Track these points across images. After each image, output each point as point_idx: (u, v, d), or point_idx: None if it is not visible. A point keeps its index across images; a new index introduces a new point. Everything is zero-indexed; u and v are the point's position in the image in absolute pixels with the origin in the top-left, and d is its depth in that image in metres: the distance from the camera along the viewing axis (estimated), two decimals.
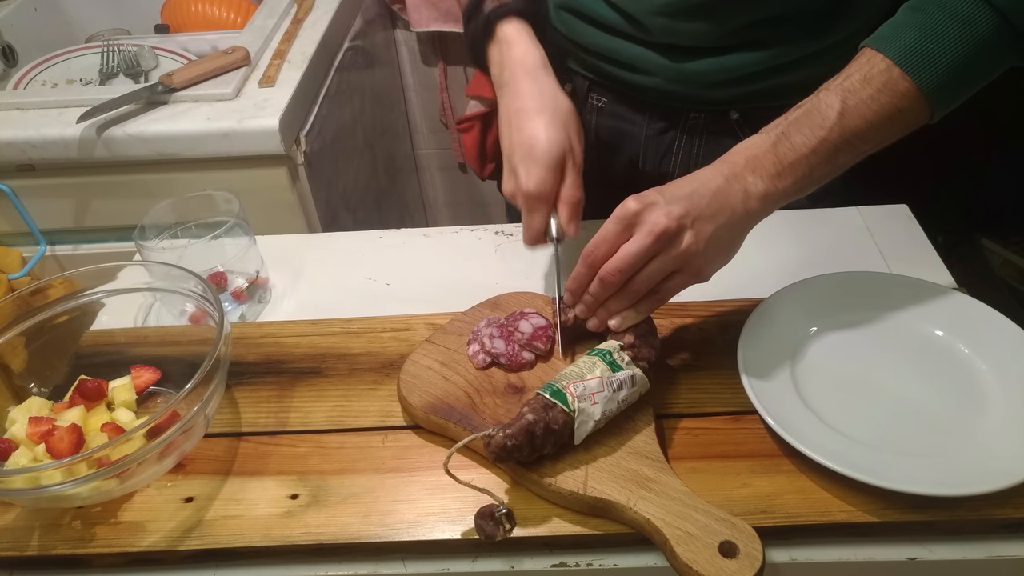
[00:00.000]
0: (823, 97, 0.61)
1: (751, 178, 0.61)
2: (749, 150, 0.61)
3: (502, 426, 0.57)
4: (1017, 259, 1.73)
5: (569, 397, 0.59)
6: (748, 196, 0.61)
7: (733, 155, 0.62)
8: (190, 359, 0.65)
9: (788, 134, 0.61)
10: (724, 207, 0.60)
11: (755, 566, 0.51)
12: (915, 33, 0.59)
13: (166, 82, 1.10)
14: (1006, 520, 0.56)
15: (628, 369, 0.61)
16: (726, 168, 0.61)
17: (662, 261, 0.60)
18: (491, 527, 0.56)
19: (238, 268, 0.80)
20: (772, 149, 0.61)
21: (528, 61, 0.71)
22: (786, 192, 0.61)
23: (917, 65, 0.59)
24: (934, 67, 0.58)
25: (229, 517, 0.59)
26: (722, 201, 0.60)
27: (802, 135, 0.60)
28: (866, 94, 0.59)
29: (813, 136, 0.60)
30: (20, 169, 1.11)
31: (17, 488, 0.55)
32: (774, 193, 0.61)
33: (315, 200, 1.16)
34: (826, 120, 0.60)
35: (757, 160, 0.61)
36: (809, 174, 0.61)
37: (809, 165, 0.60)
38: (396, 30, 1.72)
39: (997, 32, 0.58)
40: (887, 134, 0.61)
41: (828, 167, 0.61)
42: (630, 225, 0.60)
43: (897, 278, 0.74)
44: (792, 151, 0.60)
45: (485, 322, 0.70)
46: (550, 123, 0.68)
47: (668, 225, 0.58)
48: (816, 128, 0.60)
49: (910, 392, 0.65)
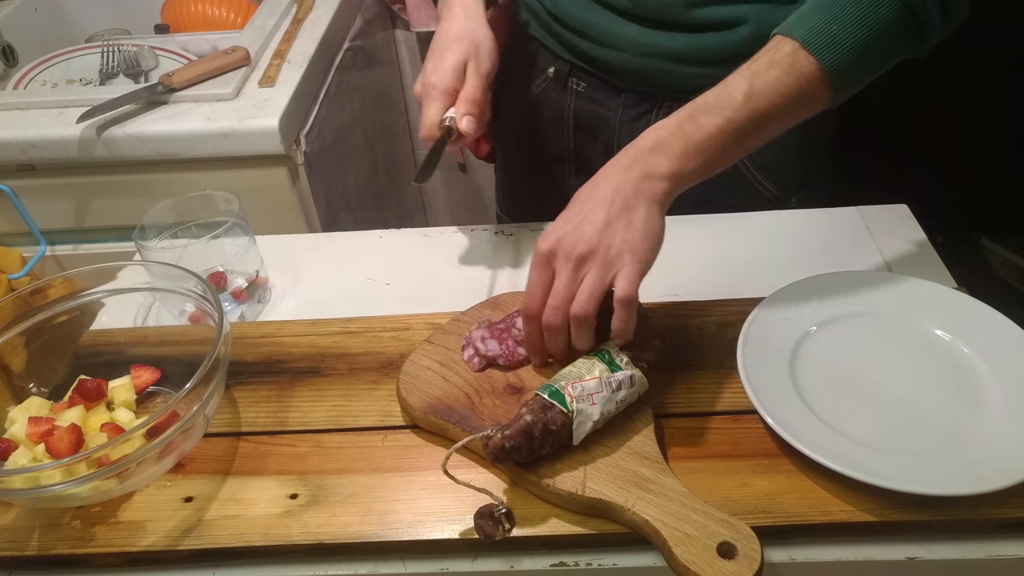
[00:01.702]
0: (731, 80, 0.63)
1: (655, 159, 0.62)
2: (656, 132, 0.64)
3: (500, 427, 0.57)
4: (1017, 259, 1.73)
5: (567, 398, 0.59)
6: (651, 176, 0.62)
7: (640, 139, 0.64)
8: (190, 359, 0.65)
9: (695, 115, 0.63)
10: (630, 197, 0.62)
11: (753, 567, 0.51)
12: (820, 16, 0.63)
13: (166, 82, 1.10)
14: (1005, 520, 0.56)
15: (627, 369, 0.61)
16: (629, 156, 0.64)
17: (594, 272, 0.61)
18: (490, 527, 0.56)
19: (238, 268, 0.80)
20: (678, 130, 0.63)
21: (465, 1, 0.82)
22: (694, 172, 0.63)
23: (821, 45, 0.62)
24: (837, 48, 0.62)
25: (228, 517, 0.59)
26: (627, 193, 0.62)
27: (709, 116, 0.62)
28: (772, 76, 0.62)
29: (720, 117, 0.62)
30: (20, 169, 1.11)
31: (17, 488, 0.55)
32: (681, 172, 0.63)
33: (315, 200, 1.16)
34: (732, 101, 0.62)
35: (663, 141, 0.63)
36: (716, 156, 0.63)
37: (716, 146, 0.62)
38: (396, 30, 1.72)
39: (897, 18, 0.62)
40: (791, 117, 0.64)
41: (737, 148, 0.64)
42: (549, 265, 0.62)
43: (897, 278, 0.74)
44: (698, 131, 0.62)
45: (476, 326, 0.70)
46: (461, 39, 0.79)
47: (580, 250, 0.61)
48: (723, 109, 0.62)
49: (910, 392, 0.65)
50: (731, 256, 0.84)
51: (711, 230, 0.88)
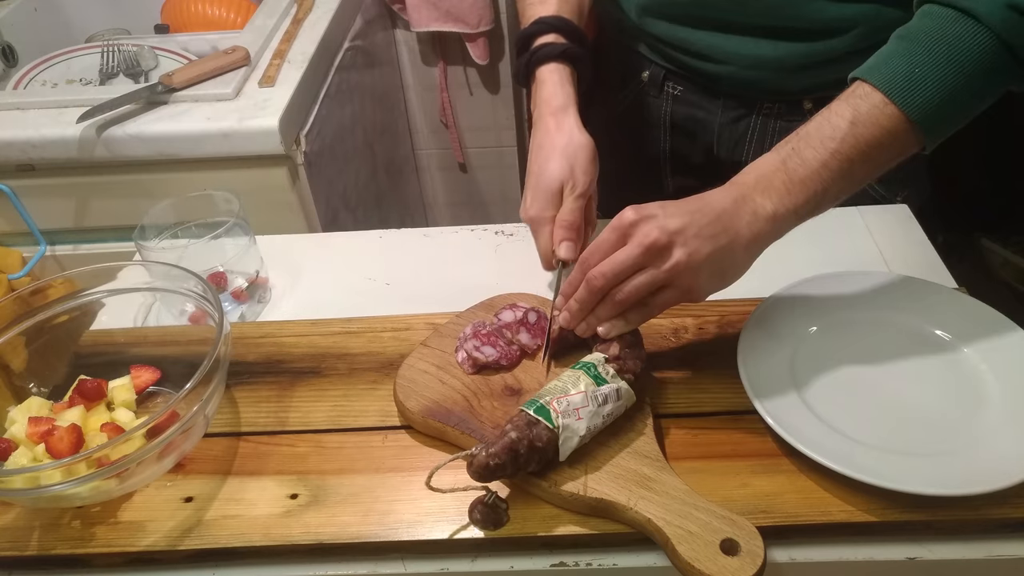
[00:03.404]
0: (833, 108, 0.60)
1: (760, 199, 0.59)
2: (759, 169, 0.60)
3: (484, 444, 0.56)
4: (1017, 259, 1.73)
5: (553, 413, 0.58)
6: (756, 218, 0.59)
7: (744, 175, 0.61)
8: (190, 359, 0.65)
9: (799, 149, 0.59)
10: (727, 229, 0.59)
11: (756, 563, 0.51)
12: (902, 61, 0.59)
13: (166, 82, 1.10)
14: (1005, 520, 0.56)
15: (613, 382, 0.60)
16: (735, 190, 0.60)
17: (651, 274, 0.59)
18: (488, 513, 0.56)
19: (238, 268, 0.80)
20: (782, 167, 0.59)
21: (553, 102, 0.77)
22: (798, 211, 0.59)
23: (903, 91, 0.57)
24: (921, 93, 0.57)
25: (229, 517, 0.59)
26: (726, 223, 0.59)
27: (812, 149, 0.59)
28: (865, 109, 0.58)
29: (824, 148, 0.58)
30: (20, 169, 1.11)
31: (17, 488, 0.55)
32: (784, 213, 0.59)
33: (315, 200, 1.16)
34: (837, 131, 0.58)
35: (766, 179, 0.60)
36: (823, 190, 0.59)
37: (822, 180, 0.59)
38: (396, 30, 1.72)
39: (991, 57, 0.57)
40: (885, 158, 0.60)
41: (843, 182, 0.59)
42: (625, 235, 0.60)
43: (897, 278, 0.74)
44: (803, 166, 0.59)
45: (471, 328, 0.70)
46: (555, 157, 0.74)
47: (658, 238, 0.58)
48: (827, 140, 0.58)
49: (910, 392, 0.65)
50: None
51: None
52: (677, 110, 0.96)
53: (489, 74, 1.76)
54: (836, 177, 0.59)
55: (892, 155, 0.60)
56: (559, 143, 0.75)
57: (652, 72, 0.96)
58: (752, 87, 0.88)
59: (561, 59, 0.78)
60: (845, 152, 0.58)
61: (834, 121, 0.59)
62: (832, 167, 0.58)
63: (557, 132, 0.75)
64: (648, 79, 0.96)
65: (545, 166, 0.74)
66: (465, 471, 0.57)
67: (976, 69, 0.58)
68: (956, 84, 0.58)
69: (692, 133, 0.96)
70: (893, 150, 0.60)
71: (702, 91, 0.93)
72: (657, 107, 0.98)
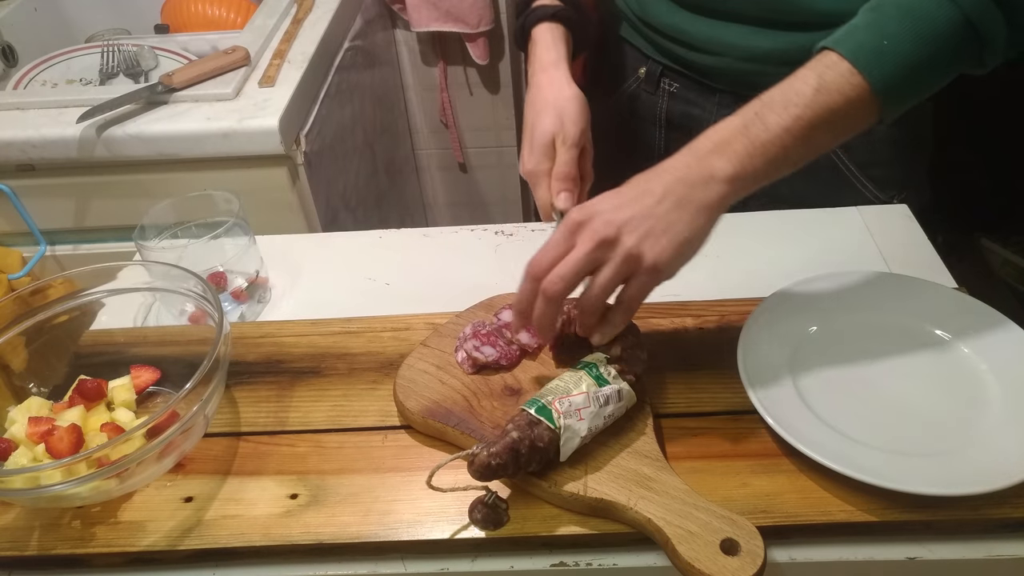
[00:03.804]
0: (799, 74, 0.60)
1: (718, 162, 0.58)
2: (719, 132, 0.60)
3: (486, 444, 0.56)
4: (1017, 259, 1.73)
5: (555, 414, 0.58)
6: (713, 180, 0.58)
7: (701, 140, 0.60)
8: (190, 359, 0.65)
9: (762, 114, 0.59)
10: (680, 200, 0.58)
11: (757, 563, 0.51)
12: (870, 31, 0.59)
13: (166, 82, 1.10)
14: (1005, 520, 0.56)
15: (615, 383, 0.60)
16: (690, 155, 0.60)
17: (610, 268, 0.58)
18: (489, 513, 0.56)
19: (238, 268, 0.80)
20: (744, 130, 0.58)
21: (545, 59, 0.80)
22: (757, 175, 0.59)
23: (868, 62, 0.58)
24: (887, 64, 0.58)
25: (228, 517, 0.59)
26: (679, 194, 0.58)
27: (776, 114, 0.58)
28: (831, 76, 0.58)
29: (787, 114, 0.58)
30: (20, 169, 1.11)
31: (17, 488, 0.55)
32: (744, 176, 0.59)
33: (315, 200, 1.16)
34: (801, 97, 0.58)
35: (726, 143, 0.59)
36: (784, 156, 0.59)
37: (784, 145, 0.58)
38: (396, 30, 1.72)
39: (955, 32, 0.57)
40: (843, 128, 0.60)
41: (804, 148, 0.59)
42: (573, 235, 0.59)
43: (897, 278, 0.74)
44: (765, 131, 0.58)
45: (470, 328, 0.70)
46: (546, 111, 0.76)
47: (607, 233, 0.57)
48: (791, 105, 0.58)
49: (910, 392, 0.65)
50: (731, 256, 0.84)
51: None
52: (673, 107, 0.97)
53: (489, 74, 1.76)
54: (797, 143, 0.59)
55: (852, 125, 0.61)
56: (549, 97, 0.77)
57: (649, 68, 0.97)
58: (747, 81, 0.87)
59: (554, 19, 0.82)
60: (808, 118, 0.58)
61: (799, 87, 0.59)
62: (795, 132, 0.58)
63: (548, 87, 0.78)
64: (645, 75, 0.97)
65: (537, 121, 0.76)
66: (465, 471, 0.57)
67: (941, 45, 0.58)
68: (920, 59, 0.58)
69: (687, 129, 0.96)
70: (854, 120, 0.60)
71: (698, 88, 0.93)
72: (653, 103, 0.98)
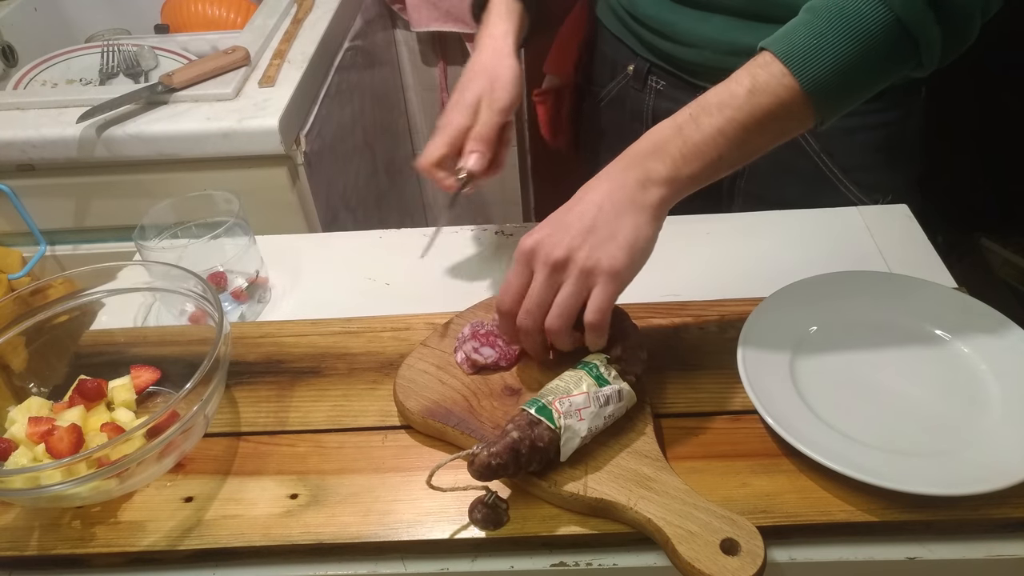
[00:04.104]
0: (734, 76, 0.60)
1: (653, 164, 0.59)
2: (654, 136, 0.61)
3: (486, 444, 0.56)
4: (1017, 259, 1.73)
5: (555, 414, 0.58)
6: (648, 182, 0.59)
7: (639, 144, 0.61)
8: (190, 359, 0.65)
9: (696, 116, 0.59)
10: (618, 208, 0.59)
11: (757, 563, 0.51)
12: (803, 31, 0.58)
13: (166, 82, 1.10)
14: (1005, 520, 0.56)
15: (615, 384, 0.60)
16: (625, 160, 0.61)
17: (569, 286, 0.60)
18: (488, 513, 0.56)
19: (238, 268, 0.80)
20: (678, 133, 0.59)
21: (494, 31, 0.81)
22: (693, 177, 0.60)
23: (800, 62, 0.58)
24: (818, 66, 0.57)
25: (228, 517, 0.59)
26: (616, 202, 0.59)
27: (709, 116, 0.59)
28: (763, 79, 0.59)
29: (720, 115, 0.58)
30: (20, 169, 1.11)
31: (17, 488, 0.55)
32: (680, 179, 0.59)
33: (315, 200, 1.16)
34: (734, 98, 0.59)
35: (661, 145, 0.60)
36: (718, 157, 0.59)
37: (717, 147, 0.59)
38: (396, 30, 1.72)
39: (888, 35, 0.57)
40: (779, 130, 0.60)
41: (738, 151, 0.60)
42: (528, 265, 0.61)
43: (897, 278, 0.74)
44: (698, 132, 0.59)
45: (469, 329, 0.70)
46: (480, 75, 0.78)
47: (557, 256, 0.59)
48: (724, 107, 0.59)
49: (910, 392, 0.65)
50: (731, 256, 0.84)
51: (711, 230, 0.88)
52: (660, 104, 0.98)
53: None
54: (732, 145, 0.59)
55: (787, 127, 0.61)
56: (488, 62, 0.78)
57: (637, 65, 0.98)
58: None
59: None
60: (741, 120, 0.58)
61: (733, 88, 0.59)
62: (728, 134, 0.59)
63: (489, 53, 0.79)
64: (633, 72, 0.98)
65: (467, 83, 0.78)
66: (465, 471, 0.57)
67: (873, 46, 0.58)
68: (852, 60, 0.58)
69: None
70: (788, 122, 0.60)
71: (684, 86, 0.94)
72: (640, 100, 0.99)
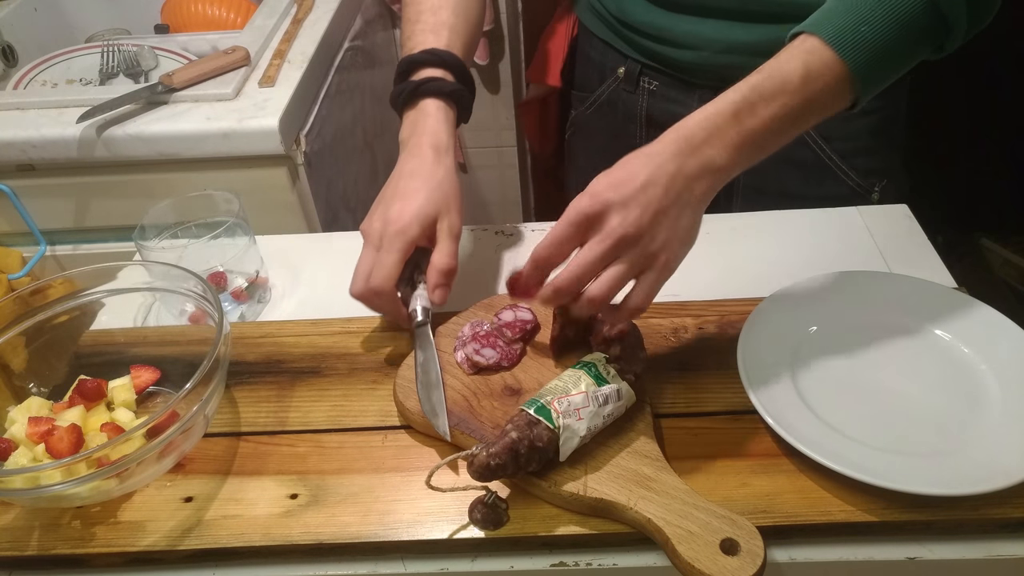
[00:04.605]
0: (784, 61, 0.59)
1: (711, 151, 0.58)
2: (712, 121, 0.58)
3: (485, 444, 0.56)
4: (1017, 259, 1.73)
5: (554, 413, 0.58)
6: (705, 172, 0.58)
7: (691, 128, 0.58)
8: (190, 359, 0.65)
9: (752, 102, 0.58)
10: (682, 192, 0.57)
11: (756, 563, 0.51)
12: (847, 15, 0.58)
13: (166, 82, 1.10)
14: (1005, 520, 0.56)
15: (614, 383, 0.60)
16: (683, 143, 0.58)
17: (628, 262, 0.57)
18: (488, 513, 0.56)
19: (238, 268, 0.80)
20: (735, 120, 0.58)
21: (437, 139, 0.73)
22: (741, 164, 0.59)
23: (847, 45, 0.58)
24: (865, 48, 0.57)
25: (228, 517, 0.59)
26: (680, 187, 0.57)
27: (765, 102, 0.58)
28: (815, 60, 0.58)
29: (776, 103, 0.58)
30: (20, 169, 1.11)
31: (17, 488, 0.55)
32: (731, 169, 0.59)
33: (315, 200, 1.16)
34: (789, 85, 0.58)
35: (716, 131, 0.58)
36: (769, 144, 0.59)
37: (772, 133, 0.58)
38: (396, 30, 1.72)
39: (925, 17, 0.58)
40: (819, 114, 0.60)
41: (785, 136, 0.59)
42: (584, 229, 0.57)
43: (897, 278, 0.74)
44: (755, 119, 0.58)
45: (468, 329, 0.70)
46: (431, 187, 0.70)
47: (625, 232, 0.56)
48: (779, 94, 0.58)
49: (910, 392, 0.65)
50: (731, 256, 0.84)
51: (711, 230, 0.88)
52: (653, 105, 0.97)
53: (489, 74, 1.76)
54: (781, 132, 0.59)
55: (830, 110, 0.61)
56: (439, 176, 0.70)
57: (628, 67, 0.97)
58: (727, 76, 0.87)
59: (450, 99, 0.75)
60: (794, 106, 0.58)
61: (786, 75, 0.58)
62: (782, 121, 0.58)
63: (436, 166, 0.71)
64: (624, 75, 0.97)
65: (419, 190, 0.69)
66: (465, 471, 0.57)
67: (912, 28, 0.58)
68: (894, 42, 0.58)
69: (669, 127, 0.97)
70: (833, 105, 0.60)
71: (678, 85, 0.93)
72: (633, 102, 0.98)
